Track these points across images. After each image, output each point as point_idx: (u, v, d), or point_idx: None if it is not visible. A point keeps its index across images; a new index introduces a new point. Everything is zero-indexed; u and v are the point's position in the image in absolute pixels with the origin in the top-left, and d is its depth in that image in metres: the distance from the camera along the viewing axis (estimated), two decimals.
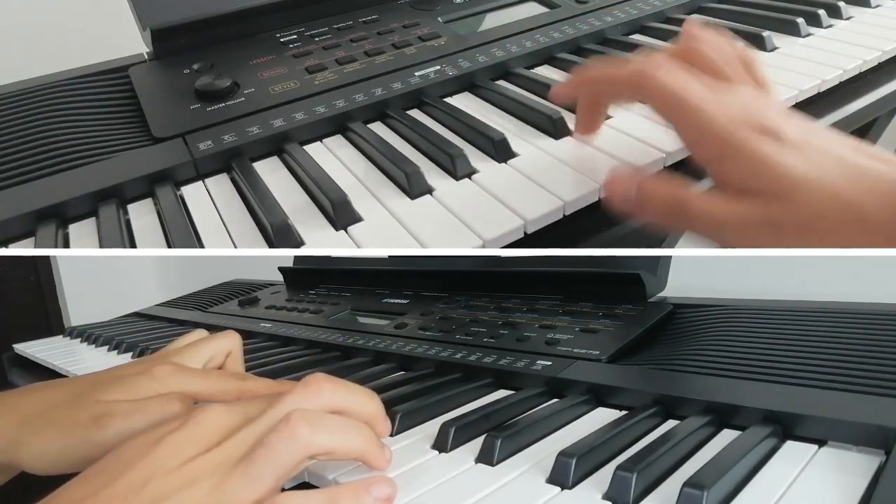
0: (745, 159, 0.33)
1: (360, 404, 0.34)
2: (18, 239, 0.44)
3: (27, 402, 0.37)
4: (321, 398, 0.32)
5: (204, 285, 1.11)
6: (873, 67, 0.57)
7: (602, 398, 0.42)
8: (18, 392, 0.39)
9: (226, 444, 0.29)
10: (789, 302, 0.51)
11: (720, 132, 0.34)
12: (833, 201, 0.32)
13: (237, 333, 0.47)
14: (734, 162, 0.34)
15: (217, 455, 0.28)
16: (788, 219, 0.32)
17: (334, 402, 0.32)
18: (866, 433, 0.32)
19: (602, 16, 0.65)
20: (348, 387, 0.34)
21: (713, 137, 0.35)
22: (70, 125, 0.52)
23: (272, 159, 0.51)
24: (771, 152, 0.33)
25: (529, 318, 0.56)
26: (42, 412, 0.36)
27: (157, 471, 0.27)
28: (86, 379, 0.40)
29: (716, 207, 0.34)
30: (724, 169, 0.35)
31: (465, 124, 0.50)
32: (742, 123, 0.34)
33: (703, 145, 0.35)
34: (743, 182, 0.34)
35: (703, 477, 0.28)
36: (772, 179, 0.33)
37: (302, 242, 0.41)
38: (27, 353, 0.79)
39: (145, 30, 0.58)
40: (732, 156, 0.34)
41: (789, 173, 0.33)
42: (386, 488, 0.30)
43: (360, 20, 0.64)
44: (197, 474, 0.27)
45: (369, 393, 0.35)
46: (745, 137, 0.34)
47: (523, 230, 0.41)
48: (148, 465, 0.27)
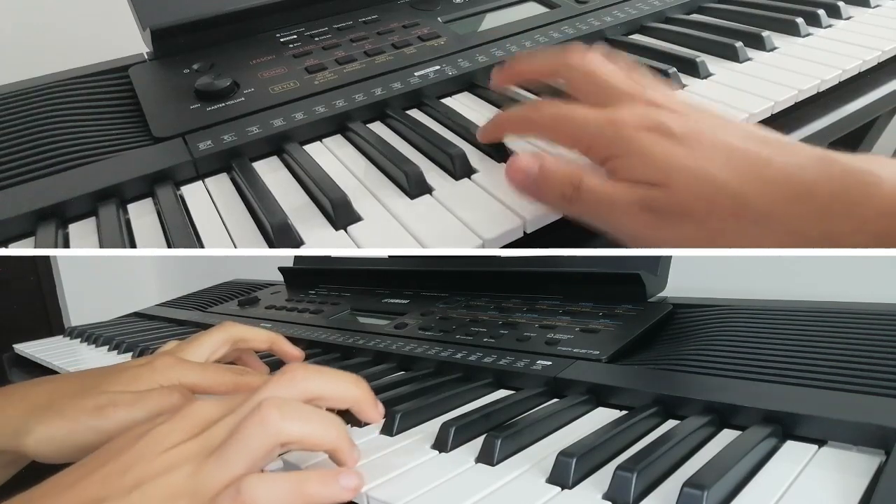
0: (633, 154, 0.35)
1: (340, 390, 0.34)
2: (18, 239, 0.44)
3: (35, 393, 0.39)
4: (296, 386, 0.33)
5: (204, 285, 1.11)
6: (873, 67, 0.57)
7: (602, 398, 0.42)
8: (27, 384, 0.40)
9: (206, 434, 0.30)
10: (789, 302, 0.51)
11: (608, 134, 0.37)
12: (710, 187, 0.33)
13: (232, 323, 0.48)
14: (625, 157, 0.36)
15: (196, 443, 0.30)
16: (666, 204, 0.34)
17: (309, 390, 0.33)
18: (866, 433, 0.32)
19: (602, 16, 0.65)
20: (326, 374, 0.34)
21: (601, 139, 0.37)
22: (70, 125, 0.52)
23: (272, 159, 0.51)
24: (657, 146, 0.35)
25: (529, 318, 0.56)
26: (49, 402, 0.38)
27: (140, 458, 0.29)
28: (92, 371, 0.42)
29: (606, 187, 0.36)
30: (616, 166, 0.36)
31: (465, 124, 0.50)
32: (629, 124, 0.36)
33: (596, 148, 0.37)
34: (632, 174, 0.35)
35: (703, 477, 0.28)
36: (656, 170, 0.35)
37: (302, 242, 0.41)
38: (27, 353, 0.79)
39: (145, 30, 0.58)
40: (622, 152, 0.36)
41: (672, 163, 0.34)
42: (354, 479, 0.31)
43: (360, 20, 0.64)
44: (176, 461, 0.29)
45: (352, 378, 0.35)
46: (632, 135, 0.36)
47: (523, 230, 0.41)
48: (133, 453, 0.29)
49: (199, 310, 0.93)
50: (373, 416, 0.36)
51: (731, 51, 0.58)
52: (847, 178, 0.31)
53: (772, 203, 0.32)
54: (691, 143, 0.35)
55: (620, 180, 0.36)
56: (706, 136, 0.35)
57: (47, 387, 0.40)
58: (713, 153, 0.34)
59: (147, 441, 0.30)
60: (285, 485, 0.29)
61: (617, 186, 0.36)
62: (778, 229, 0.32)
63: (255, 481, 0.28)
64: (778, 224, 0.32)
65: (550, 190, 0.38)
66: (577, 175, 0.37)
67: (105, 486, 0.28)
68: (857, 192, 0.31)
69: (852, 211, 0.30)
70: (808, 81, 0.53)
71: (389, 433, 0.39)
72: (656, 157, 0.35)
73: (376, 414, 0.36)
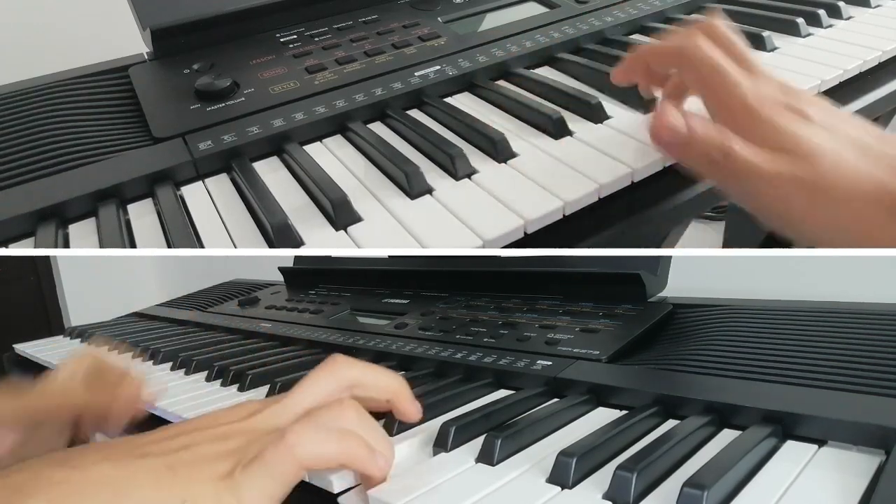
0: (774, 130, 0.36)
1: (380, 380, 0.35)
2: (18, 239, 0.44)
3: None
4: (336, 374, 0.34)
5: (204, 285, 1.11)
6: (873, 67, 0.57)
7: (602, 398, 0.42)
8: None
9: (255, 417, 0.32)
10: (789, 302, 0.51)
11: (754, 104, 0.37)
12: (855, 172, 0.34)
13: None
14: (764, 131, 0.36)
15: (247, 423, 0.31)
16: (816, 177, 0.34)
17: (350, 377, 0.34)
18: (866, 433, 0.32)
19: (602, 16, 0.65)
20: (367, 365, 0.35)
21: (748, 109, 0.37)
22: (70, 125, 0.52)
23: (272, 159, 0.51)
24: (798, 126, 0.36)
25: (529, 318, 0.56)
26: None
27: (194, 429, 0.30)
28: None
29: (757, 157, 0.36)
30: (756, 136, 0.36)
31: (465, 124, 0.50)
32: (772, 101, 0.37)
33: (737, 116, 0.37)
34: (779, 144, 0.36)
35: (703, 477, 0.28)
36: (800, 145, 0.35)
37: (302, 242, 0.41)
38: (27, 353, 0.79)
39: (145, 30, 0.58)
40: (762, 126, 0.36)
41: (816, 142, 0.35)
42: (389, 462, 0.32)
43: (360, 20, 0.64)
44: (231, 433, 0.30)
45: (393, 374, 0.36)
46: (775, 112, 0.36)
47: (523, 230, 0.41)
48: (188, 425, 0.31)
49: (199, 310, 0.93)
50: (410, 411, 0.36)
51: None
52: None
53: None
54: (828, 130, 0.36)
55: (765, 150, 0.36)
56: (839, 128, 0.36)
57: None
58: (849, 144, 0.35)
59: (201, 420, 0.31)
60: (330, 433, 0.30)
61: (766, 157, 0.35)
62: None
63: (301, 425, 0.29)
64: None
65: (698, 152, 0.38)
66: (727, 140, 0.36)
67: (154, 445, 0.29)
68: None
69: None
70: (809, 82, 0.53)
71: (389, 433, 0.39)
72: (801, 135, 0.35)
73: (414, 410, 0.36)
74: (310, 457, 0.29)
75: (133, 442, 0.29)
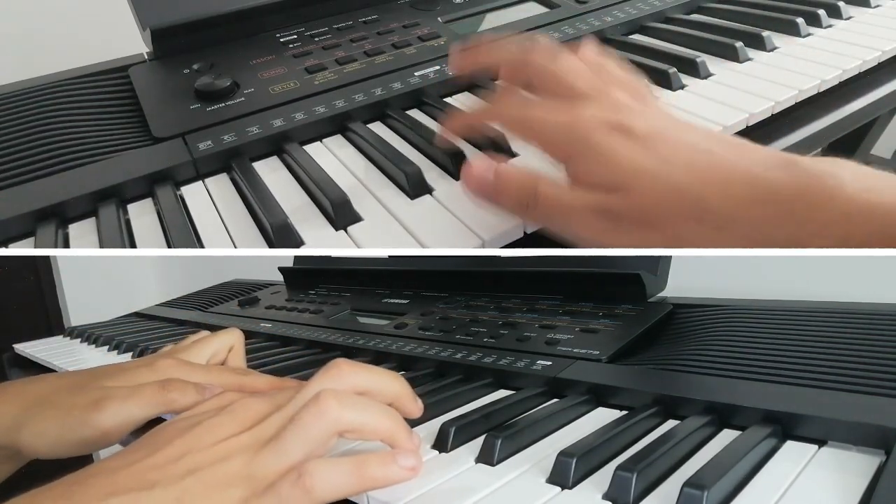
0: (592, 155, 0.35)
1: (383, 385, 0.35)
2: (18, 239, 0.44)
3: (30, 390, 0.39)
4: (344, 379, 0.33)
5: (204, 285, 1.11)
6: (873, 67, 0.57)
7: (602, 398, 0.42)
8: (23, 381, 0.41)
9: (258, 427, 0.30)
10: (789, 302, 0.51)
11: (569, 135, 0.36)
12: (670, 191, 0.32)
13: (238, 329, 0.48)
14: (583, 158, 0.35)
15: (250, 436, 0.30)
16: (625, 209, 0.33)
17: (357, 384, 0.33)
18: (866, 433, 0.32)
19: (602, 16, 0.65)
20: (370, 369, 0.35)
21: (567, 141, 0.36)
22: (70, 125, 0.52)
23: (272, 159, 0.51)
24: (616, 147, 0.34)
25: (529, 318, 0.56)
26: (44, 397, 0.38)
27: (193, 447, 0.29)
28: (90, 370, 0.42)
29: (563, 193, 0.36)
30: (576, 168, 0.36)
31: None
32: (594, 124, 0.35)
33: (559, 150, 0.37)
34: (590, 177, 0.35)
35: (703, 477, 0.28)
36: (614, 173, 0.34)
37: (302, 242, 0.41)
38: (27, 353, 0.79)
39: (145, 30, 0.58)
40: (581, 153, 0.35)
41: (632, 166, 0.33)
42: (412, 459, 0.31)
43: (360, 20, 0.64)
44: (230, 451, 0.29)
45: (393, 374, 0.35)
46: (590, 136, 0.35)
47: (523, 230, 0.41)
48: (185, 441, 0.29)
49: (199, 310, 0.93)
50: (412, 410, 0.36)
51: (732, 51, 0.58)
52: (809, 180, 0.31)
53: (734, 207, 0.31)
54: (653, 142, 0.34)
55: (578, 184, 0.35)
56: (669, 136, 0.34)
57: (43, 384, 0.40)
58: (675, 154, 0.33)
59: (198, 432, 0.30)
60: (346, 467, 0.29)
61: (574, 192, 0.35)
62: (740, 233, 0.31)
63: (317, 464, 0.28)
64: (740, 228, 0.31)
65: (508, 197, 0.38)
66: (532, 182, 0.36)
67: (158, 471, 0.28)
68: (819, 194, 0.30)
69: (815, 214, 0.30)
70: (809, 81, 0.53)
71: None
72: (614, 159, 0.34)
73: (416, 408, 0.36)
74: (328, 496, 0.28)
75: (136, 466, 0.28)
